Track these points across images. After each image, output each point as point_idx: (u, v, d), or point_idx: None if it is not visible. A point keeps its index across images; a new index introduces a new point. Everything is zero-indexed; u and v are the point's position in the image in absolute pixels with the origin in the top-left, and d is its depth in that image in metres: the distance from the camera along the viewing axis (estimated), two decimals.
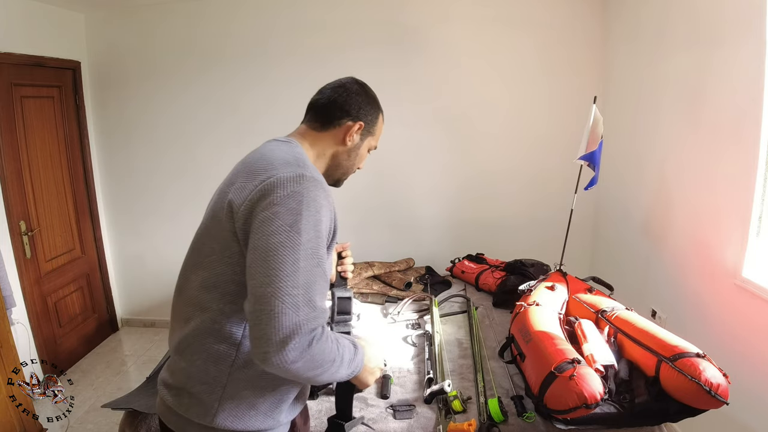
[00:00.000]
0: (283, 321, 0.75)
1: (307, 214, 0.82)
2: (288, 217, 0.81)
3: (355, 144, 1.07)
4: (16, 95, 2.55)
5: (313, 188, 0.85)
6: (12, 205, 2.50)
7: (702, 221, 1.88)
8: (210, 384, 0.88)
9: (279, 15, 2.90)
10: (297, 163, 0.90)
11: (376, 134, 1.13)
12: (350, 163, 1.09)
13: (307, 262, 0.79)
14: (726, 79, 1.72)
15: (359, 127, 1.05)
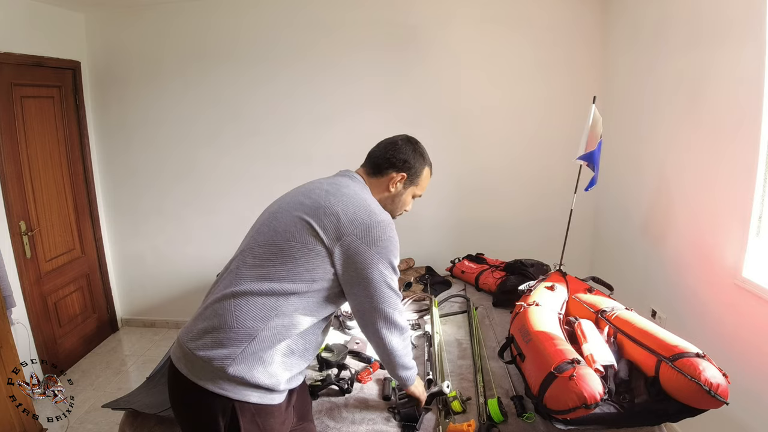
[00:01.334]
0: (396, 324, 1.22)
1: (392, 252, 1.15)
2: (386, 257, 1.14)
3: (398, 191, 1.30)
4: (16, 95, 2.55)
5: (392, 231, 1.16)
6: (12, 205, 2.50)
7: (702, 221, 1.88)
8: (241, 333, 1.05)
9: (280, 16, 2.90)
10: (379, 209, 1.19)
11: (420, 184, 1.34)
12: (394, 207, 1.32)
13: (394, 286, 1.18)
14: (726, 79, 1.72)
15: (402, 178, 1.28)
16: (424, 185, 1.35)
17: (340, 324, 2.08)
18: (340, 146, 3.02)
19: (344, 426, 1.42)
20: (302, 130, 3.00)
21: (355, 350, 1.82)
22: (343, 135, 3.01)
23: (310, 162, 3.03)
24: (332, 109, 2.98)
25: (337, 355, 1.73)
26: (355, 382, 1.62)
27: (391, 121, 2.96)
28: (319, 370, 1.70)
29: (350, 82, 2.94)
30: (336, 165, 3.01)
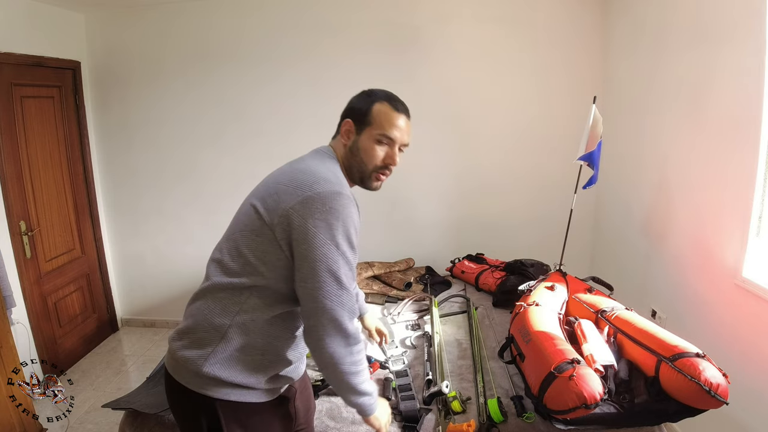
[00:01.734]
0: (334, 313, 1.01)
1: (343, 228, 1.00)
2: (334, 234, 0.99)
3: (353, 142, 1.13)
4: (16, 95, 2.55)
5: (348, 205, 1.01)
6: (12, 205, 2.50)
7: (702, 221, 1.88)
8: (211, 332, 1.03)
9: (283, 17, 2.90)
10: (331, 179, 1.04)
11: (377, 122, 1.11)
12: (358, 160, 1.13)
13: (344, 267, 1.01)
14: (726, 79, 1.72)
15: (349, 125, 1.13)
16: (383, 121, 1.11)
17: None
18: None
19: (344, 426, 1.42)
20: (305, 131, 3.00)
21: None
22: None
23: None
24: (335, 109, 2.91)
25: None
26: None
27: None
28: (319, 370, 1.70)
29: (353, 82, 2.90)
30: None
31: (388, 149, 1.12)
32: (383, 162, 1.12)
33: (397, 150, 1.14)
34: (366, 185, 1.16)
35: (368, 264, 2.63)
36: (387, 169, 1.14)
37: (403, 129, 1.13)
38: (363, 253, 2.91)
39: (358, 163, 1.13)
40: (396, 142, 1.12)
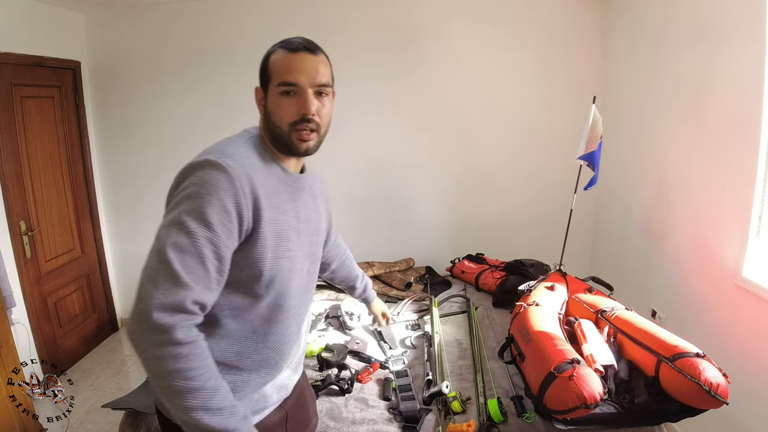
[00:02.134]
0: (141, 292, 0.78)
1: (194, 196, 0.82)
2: (178, 201, 0.84)
3: (264, 106, 0.97)
4: (16, 95, 2.55)
5: (212, 173, 0.84)
6: (12, 205, 2.50)
7: (702, 221, 1.88)
8: None
9: (281, 17, 2.90)
10: (216, 149, 0.90)
11: (274, 74, 0.94)
12: (272, 125, 0.96)
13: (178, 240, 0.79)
14: (726, 79, 1.72)
15: (258, 92, 0.99)
16: (279, 69, 0.93)
17: (340, 324, 2.08)
18: (340, 146, 3.02)
19: (344, 426, 1.42)
20: None
21: (356, 350, 1.82)
22: (343, 135, 3.01)
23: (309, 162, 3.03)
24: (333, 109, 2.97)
25: (337, 355, 1.73)
26: (356, 383, 1.62)
27: (391, 120, 2.97)
28: (319, 370, 1.70)
29: (351, 82, 2.94)
30: (336, 165, 3.05)
31: (297, 98, 0.92)
32: (297, 114, 0.92)
33: (311, 96, 0.92)
34: (293, 151, 0.97)
35: (368, 264, 2.63)
36: (306, 122, 0.93)
37: (307, 68, 0.92)
38: (363, 253, 2.91)
39: (274, 128, 0.95)
40: (302, 86, 0.91)
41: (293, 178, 1.00)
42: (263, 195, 0.88)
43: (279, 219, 0.92)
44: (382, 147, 3.01)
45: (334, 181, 3.04)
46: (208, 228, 0.81)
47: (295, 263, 0.97)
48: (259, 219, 0.87)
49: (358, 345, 1.85)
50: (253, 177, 0.87)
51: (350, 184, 3.07)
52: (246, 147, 0.94)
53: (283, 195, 0.95)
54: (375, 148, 3.01)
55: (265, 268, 0.90)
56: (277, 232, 0.91)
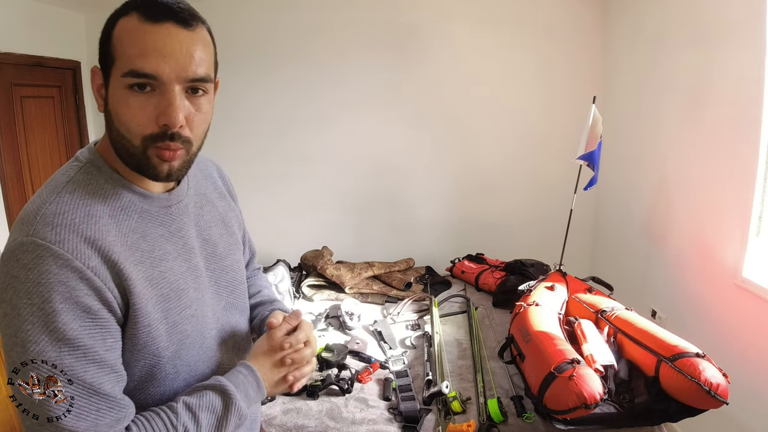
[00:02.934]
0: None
1: (27, 312, 0.56)
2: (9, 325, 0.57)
3: (105, 101, 0.66)
4: (16, 95, 2.55)
5: (34, 265, 0.56)
6: (12, 205, 2.50)
7: (702, 221, 1.88)
8: None
9: (279, 16, 2.90)
10: (28, 215, 0.60)
11: (119, 54, 0.60)
12: (114, 134, 0.64)
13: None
14: (726, 79, 1.72)
15: (98, 76, 0.67)
16: (128, 48, 0.59)
17: (340, 324, 2.08)
18: (339, 146, 3.03)
19: (344, 426, 1.42)
20: (300, 130, 3.00)
21: (356, 350, 1.82)
22: (342, 135, 3.02)
23: (308, 162, 3.03)
24: (330, 108, 2.98)
25: (337, 355, 1.73)
26: (356, 383, 1.62)
27: (390, 120, 2.97)
28: (319, 370, 1.70)
29: (349, 81, 2.94)
30: (334, 165, 3.05)
31: (156, 97, 0.60)
32: (157, 125, 0.61)
33: (178, 95, 0.61)
34: (149, 175, 0.65)
35: (368, 264, 2.63)
36: (167, 138, 0.61)
37: (174, 51, 0.59)
38: (363, 253, 2.91)
39: (119, 138, 0.63)
40: (164, 79, 0.59)
41: (164, 201, 0.70)
42: (122, 252, 0.62)
43: (158, 274, 0.66)
44: (383, 147, 3.00)
45: (334, 181, 3.07)
46: (74, 347, 0.57)
47: (203, 317, 0.73)
48: (129, 291, 0.61)
49: (358, 345, 1.85)
50: (98, 236, 0.60)
51: (350, 183, 3.07)
52: (75, 188, 0.63)
53: (154, 234, 0.68)
54: (375, 148, 3.01)
55: (162, 347, 0.66)
56: (162, 294, 0.66)
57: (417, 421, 1.40)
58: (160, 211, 0.69)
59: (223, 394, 0.68)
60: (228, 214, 0.85)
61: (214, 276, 0.77)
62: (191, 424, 0.64)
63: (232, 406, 0.67)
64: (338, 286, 2.41)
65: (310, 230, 3.06)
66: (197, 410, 0.65)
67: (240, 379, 0.70)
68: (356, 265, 2.59)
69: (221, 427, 0.67)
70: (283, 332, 0.75)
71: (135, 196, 0.67)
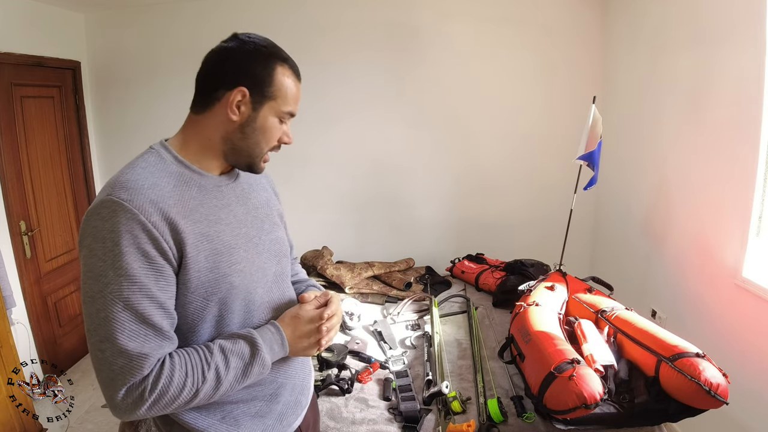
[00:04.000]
0: (101, 377, 0.73)
1: (101, 253, 0.72)
2: (88, 264, 0.73)
3: (247, 117, 0.84)
4: (16, 95, 2.55)
5: (110, 217, 0.72)
6: (12, 205, 2.50)
7: (702, 221, 1.88)
8: None
9: (280, 15, 2.90)
10: (112, 183, 0.78)
11: (281, 96, 0.85)
12: (250, 143, 0.86)
13: (108, 312, 0.71)
14: (726, 79, 1.72)
15: (241, 95, 0.82)
16: (289, 96, 0.86)
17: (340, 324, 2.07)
18: (339, 146, 3.03)
19: (344, 426, 1.42)
20: (301, 130, 2.99)
21: (356, 350, 1.82)
22: (342, 135, 3.02)
23: (308, 162, 3.04)
24: (331, 108, 2.98)
25: (338, 355, 1.73)
26: (356, 383, 1.62)
27: (390, 120, 2.97)
28: (319, 370, 1.70)
29: (350, 81, 2.94)
30: (334, 165, 3.05)
31: (285, 126, 0.90)
32: (279, 142, 0.91)
33: None
34: (254, 170, 0.92)
35: (368, 264, 2.63)
36: (278, 148, 0.93)
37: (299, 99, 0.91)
38: (363, 253, 2.91)
39: (252, 145, 0.87)
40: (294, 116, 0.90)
41: (216, 181, 0.88)
42: (181, 213, 0.78)
43: (213, 233, 0.82)
44: (383, 147, 3.01)
45: (334, 181, 3.07)
46: (132, 282, 0.72)
47: (251, 273, 0.87)
48: (184, 243, 0.77)
49: (358, 345, 1.86)
50: (160, 199, 0.76)
51: (350, 183, 3.08)
52: (146, 166, 0.82)
53: (210, 204, 0.84)
54: (375, 148, 3.01)
55: (210, 292, 0.81)
56: (214, 248, 0.81)
57: (417, 421, 1.40)
58: (213, 188, 0.87)
59: (252, 344, 0.83)
60: (270, 202, 1.03)
61: (266, 245, 0.94)
62: (222, 363, 0.79)
63: (257, 356, 0.82)
64: (338, 286, 2.41)
65: (310, 230, 3.07)
66: (229, 354, 0.80)
67: (268, 335, 0.86)
68: (356, 265, 2.59)
69: (246, 371, 0.82)
70: (313, 306, 0.93)
71: (194, 174, 0.85)
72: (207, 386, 0.77)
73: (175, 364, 0.76)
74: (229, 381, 0.80)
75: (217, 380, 0.79)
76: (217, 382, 0.79)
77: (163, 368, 0.74)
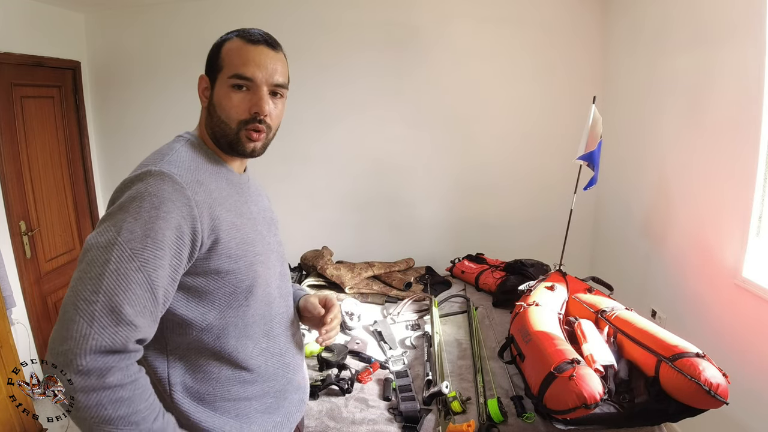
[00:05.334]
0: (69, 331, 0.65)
1: (136, 210, 0.69)
2: (113, 216, 0.70)
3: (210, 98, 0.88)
4: (16, 95, 2.55)
5: (155, 183, 0.72)
6: (12, 205, 2.50)
7: (702, 221, 1.88)
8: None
9: (281, 15, 2.90)
10: (153, 159, 0.79)
11: (227, 63, 0.85)
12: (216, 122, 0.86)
13: (120, 265, 0.66)
14: (726, 79, 1.72)
15: (204, 81, 0.89)
16: (234, 59, 0.85)
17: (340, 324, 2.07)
18: (339, 146, 3.03)
19: (344, 426, 1.42)
20: (301, 130, 3.00)
21: (356, 350, 1.82)
22: (343, 135, 3.02)
23: (308, 162, 3.03)
24: (332, 108, 2.98)
25: (337, 355, 1.73)
26: (356, 383, 1.62)
27: (390, 120, 2.97)
28: (319, 370, 1.70)
29: (350, 81, 2.94)
30: (334, 165, 3.05)
31: (251, 94, 0.84)
32: (248, 113, 0.84)
33: (266, 94, 0.84)
34: (237, 151, 0.87)
35: (368, 264, 2.63)
36: (257, 123, 0.84)
37: (266, 64, 0.84)
38: (363, 253, 2.91)
39: (219, 123, 0.85)
40: (257, 81, 0.83)
41: (238, 178, 0.92)
42: (218, 200, 0.80)
43: (240, 224, 0.84)
44: (383, 146, 3.01)
45: (334, 181, 3.07)
46: (157, 247, 0.69)
47: (269, 267, 0.91)
48: (219, 228, 0.78)
49: (358, 345, 1.85)
50: (203, 182, 0.79)
51: (350, 183, 3.08)
52: (187, 150, 0.83)
53: (236, 197, 0.87)
54: (375, 148, 3.01)
55: (240, 278, 0.83)
56: (242, 237, 0.84)
57: (417, 421, 1.40)
58: (237, 183, 0.91)
59: None
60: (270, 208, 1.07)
61: (273, 247, 0.96)
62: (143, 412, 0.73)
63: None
64: (338, 286, 2.41)
65: (310, 230, 3.07)
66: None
67: None
68: (356, 265, 2.59)
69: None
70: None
71: (223, 168, 0.88)
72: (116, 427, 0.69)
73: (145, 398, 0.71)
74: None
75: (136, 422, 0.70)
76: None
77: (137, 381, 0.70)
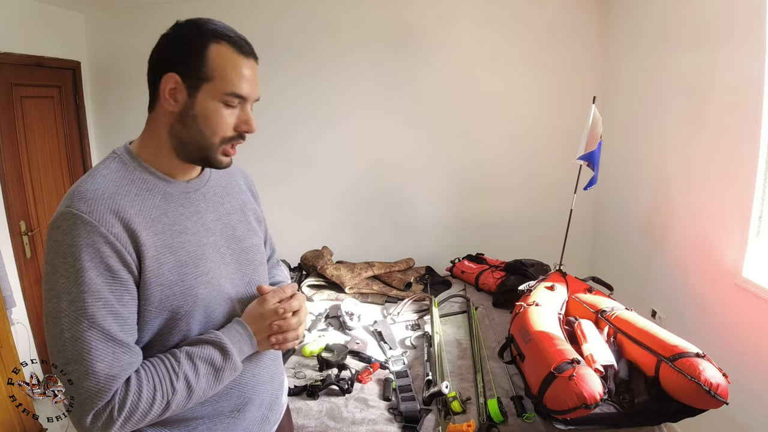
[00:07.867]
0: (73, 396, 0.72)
1: (63, 268, 0.69)
2: (50, 280, 0.70)
3: (184, 105, 0.77)
4: (16, 95, 2.55)
5: (69, 230, 0.69)
6: (12, 205, 2.50)
7: (702, 221, 1.88)
8: None
9: (281, 16, 2.90)
10: (77, 187, 0.74)
11: (218, 75, 0.76)
12: (193, 133, 0.78)
13: (73, 330, 0.68)
14: (726, 80, 1.72)
15: (174, 81, 0.76)
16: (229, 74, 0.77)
17: (340, 324, 2.08)
18: (340, 146, 3.03)
19: (344, 426, 1.42)
20: (301, 130, 3.00)
21: (356, 350, 1.82)
22: (343, 135, 3.02)
23: (308, 162, 3.03)
24: (332, 109, 2.98)
25: (338, 355, 1.74)
26: (356, 383, 1.62)
27: (390, 120, 2.97)
28: (319, 370, 1.70)
29: (350, 82, 2.94)
30: (334, 165, 3.05)
31: (238, 111, 0.80)
32: (235, 130, 0.81)
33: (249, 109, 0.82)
34: (211, 164, 0.83)
35: (368, 264, 2.63)
36: (240, 139, 0.83)
37: (256, 80, 0.81)
38: (363, 253, 2.91)
39: (197, 135, 0.78)
40: (250, 100, 0.81)
41: (184, 187, 0.84)
42: (143, 224, 0.74)
43: (177, 244, 0.78)
44: (383, 147, 3.01)
45: (334, 181, 3.07)
46: (95, 298, 0.69)
47: (218, 286, 0.83)
48: (143, 256, 0.73)
49: (358, 345, 1.86)
50: (122, 209, 0.73)
51: (350, 183, 3.08)
52: (107, 173, 0.76)
53: (175, 212, 0.80)
54: (375, 148, 3.01)
55: (177, 305, 0.77)
56: (177, 260, 0.77)
57: (417, 421, 1.40)
58: (180, 194, 0.83)
59: (221, 349, 0.79)
60: (246, 206, 0.98)
61: (236, 255, 0.89)
62: (191, 371, 0.76)
63: (228, 360, 0.79)
64: (338, 286, 2.41)
65: (310, 230, 3.07)
66: (197, 360, 0.77)
67: (236, 336, 0.82)
68: (356, 265, 2.59)
69: (218, 377, 0.79)
70: (275, 299, 0.86)
71: (159, 181, 0.80)
72: (178, 396, 0.74)
73: (141, 378, 0.73)
74: (201, 388, 0.77)
75: (188, 389, 0.75)
76: (188, 391, 0.75)
77: (129, 385, 0.71)
